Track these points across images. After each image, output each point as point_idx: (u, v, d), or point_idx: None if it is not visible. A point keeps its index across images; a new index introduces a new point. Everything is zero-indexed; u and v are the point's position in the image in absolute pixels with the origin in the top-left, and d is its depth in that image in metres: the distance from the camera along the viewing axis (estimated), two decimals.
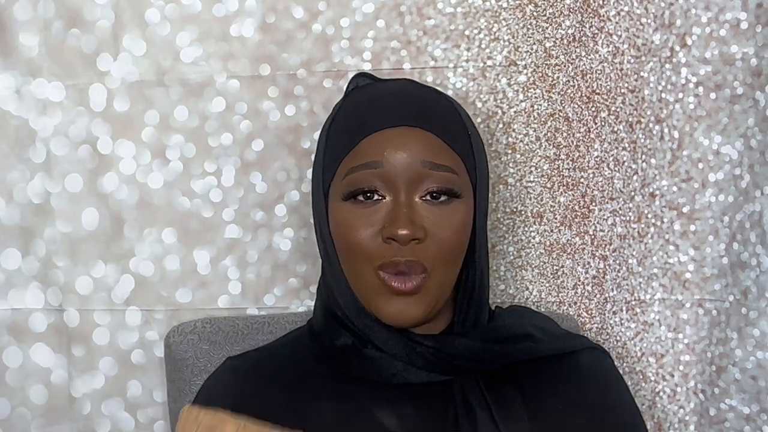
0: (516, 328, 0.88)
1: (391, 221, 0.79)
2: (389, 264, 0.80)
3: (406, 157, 0.80)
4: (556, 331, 0.93)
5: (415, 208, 0.80)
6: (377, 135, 0.81)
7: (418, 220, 0.80)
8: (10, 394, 1.09)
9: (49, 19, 1.04)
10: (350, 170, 0.81)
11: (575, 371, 0.88)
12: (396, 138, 0.81)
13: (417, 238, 0.79)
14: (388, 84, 0.90)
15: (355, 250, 0.81)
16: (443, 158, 0.81)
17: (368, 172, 0.80)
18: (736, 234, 1.06)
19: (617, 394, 0.89)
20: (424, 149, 0.81)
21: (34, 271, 1.08)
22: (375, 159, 0.80)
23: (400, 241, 0.79)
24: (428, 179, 0.80)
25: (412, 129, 0.81)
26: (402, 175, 0.80)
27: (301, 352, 0.89)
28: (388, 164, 0.80)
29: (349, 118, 0.85)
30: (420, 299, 0.81)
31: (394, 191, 0.80)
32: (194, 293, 1.10)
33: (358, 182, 0.81)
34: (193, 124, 1.07)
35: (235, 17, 1.06)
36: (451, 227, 0.81)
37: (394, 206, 0.80)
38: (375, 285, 0.81)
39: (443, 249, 0.81)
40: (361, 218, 0.81)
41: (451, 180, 0.81)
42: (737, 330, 1.05)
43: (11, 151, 1.06)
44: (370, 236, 0.80)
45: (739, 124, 1.05)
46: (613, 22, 1.06)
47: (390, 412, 0.83)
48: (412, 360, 0.83)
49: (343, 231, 0.82)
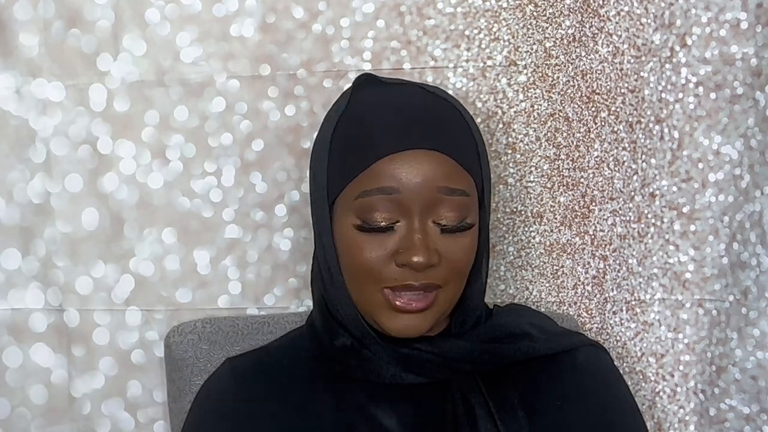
0: (513, 327, 0.88)
1: (406, 248, 0.79)
2: (403, 287, 0.80)
3: (422, 183, 0.79)
4: (554, 329, 0.93)
5: (429, 232, 0.80)
6: (392, 158, 0.79)
7: (432, 245, 0.79)
8: (10, 394, 1.09)
9: (49, 19, 1.04)
10: (363, 192, 0.80)
11: (572, 368, 0.88)
12: (411, 162, 0.79)
13: (432, 265, 0.79)
14: (393, 91, 0.86)
15: (365, 272, 0.81)
16: (457, 182, 0.80)
17: (383, 197, 0.79)
18: (736, 234, 1.06)
19: (615, 390, 0.89)
20: (440, 174, 0.79)
21: (34, 271, 1.08)
22: (390, 184, 0.79)
23: (416, 269, 0.79)
24: (443, 205, 0.80)
25: (427, 152, 0.80)
26: (417, 201, 0.79)
27: (300, 353, 0.89)
28: (404, 190, 0.79)
29: (359, 131, 0.82)
30: (428, 314, 0.81)
31: (408, 216, 0.79)
32: (194, 293, 1.10)
33: (371, 207, 0.79)
34: (193, 124, 1.07)
35: (235, 17, 1.06)
36: (462, 250, 0.82)
37: (408, 231, 0.79)
38: (380, 302, 0.81)
39: (455, 269, 0.82)
40: (373, 241, 0.80)
41: (464, 204, 0.81)
42: (737, 330, 1.05)
43: (11, 151, 1.06)
44: (382, 259, 0.80)
45: (739, 124, 1.05)
46: (613, 22, 1.06)
47: (389, 413, 0.83)
48: (408, 366, 0.83)
49: (354, 252, 0.81)
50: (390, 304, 0.80)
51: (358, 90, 0.87)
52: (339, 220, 0.82)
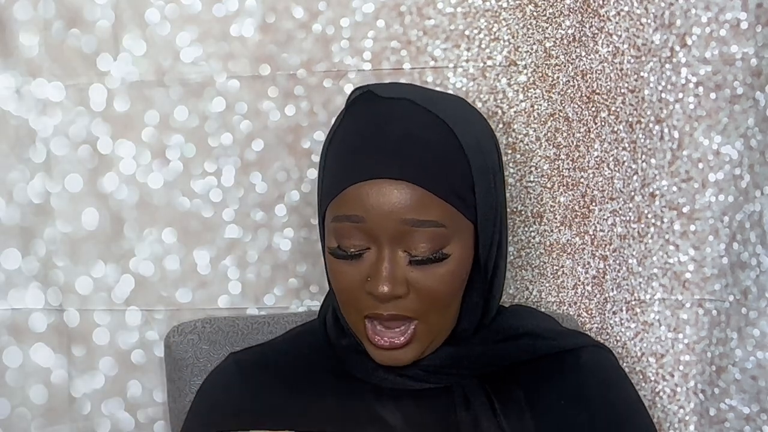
0: (516, 328, 0.88)
1: (372, 276, 0.78)
2: (373, 316, 0.80)
3: (388, 213, 0.77)
4: (558, 329, 0.93)
5: (397, 261, 0.78)
6: (360, 186, 0.78)
7: (400, 275, 0.78)
8: (10, 394, 1.09)
9: (49, 19, 1.04)
10: (336, 217, 0.80)
11: (576, 368, 0.87)
12: (378, 192, 0.77)
13: (398, 296, 0.78)
14: (383, 110, 0.82)
15: (343, 297, 0.82)
16: (428, 213, 0.77)
17: (352, 226, 0.78)
18: (736, 234, 1.06)
19: (620, 389, 0.88)
20: (408, 205, 0.77)
21: (34, 271, 1.08)
22: (357, 213, 0.78)
23: (380, 299, 0.78)
24: (412, 236, 0.77)
25: (395, 182, 0.77)
26: (384, 230, 0.77)
27: (306, 348, 0.89)
28: (370, 220, 0.77)
29: (340, 152, 0.82)
30: (411, 348, 0.81)
31: (377, 244, 0.78)
32: (194, 293, 1.10)
33: (342, 235, 0.79)
34: (193, 124, 1.07)
35: (235, 17, 1.06)
36: (436, 280, 0.79)
37: (377, 260, 0.78)
38: (362, 332, 0.81)
39: (430, 300, 0.79)
40: (347, 267, 0.80)
41: (437, 235, 0.78)
42: (737, 330, 1.05)
43: (11, 151, 1.06)
44: (357, 286, 0.79)
45: (739, 124, 1.05)
46: (613, 22, 1.06)
47: (394, 410, 0.83)
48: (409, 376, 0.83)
49: (333, 276, 0.82)
50: (369, 340, 0.80)
51: (354, 105, 0.85)
52: (326, 235, 0.83)
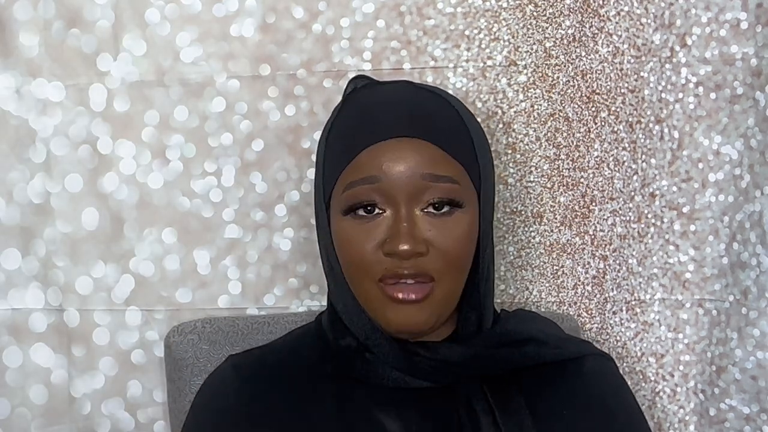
0: (520, 333, 0.87)
1: (391, 236, 0.78)
2: (392, 275, 0.79)
3: (405, 170, 0.78)
4: (561, 336, 0.92)
5: (416, 221, 0.79)
6: (374, 147, 0.79)
7: (420, 234, 0.78)
8: (10, 394, 1.09)
9: (49, 19, 1.04)
10: (349, 185, 0.80)
11: (579, 376, 0.87)
12: (393, 151, 0.79)
13: (419, 253, 0.78)
14: (385, 88, 0.87)
15: (357, 265, 0.80)
16: (444, 169, 0.79)
17: (367, 187, 0.79)
18: (736, 234, 1.06)
19: (623, 400, 0.88)
20: (423, 161, 0.79)
21: (34, 271, 1.08)
22: (373, 173, 0.79)
23: (402, 257, 0.78)
24: (429, 191, 0.79)
25: (410, 140, 0.79)
26: (401, 188, 0.78)
27: (305, 351, 0.89)
28: (387, 178, 0.78)
29: (347, 128, 0.83)
30: (425, 307, 0.80)
31: (394, 205, 0.79)
32: (194, 293, 1.10)
33: (356, 197, 0.79)
34: (193, 124, 1.07)
35: (235, 17, 1.06)
36: (454, 238, 0.80)
37: (395, 221, 0.79)
38: (378, 296, 0.80)
39: (448, 260, 0.80)
40: (361, 233, 0.80)
41: (453, 190, 0.80)
42: (737, 330, 1.05)
43: (11, 151, 1.06)
44: (372, 251, 0.79)
45: (739, 124, 1.05)
46: (613, 22, 1.06)
47: (393, 417, 0.82)
48: (412, 371, 0.83)
49: (345, 246, 0.81)
50: (387, 296, 0.79)
51: (352, 92, 0.88)
52: (333, 219, 0.83)
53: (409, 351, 0.83)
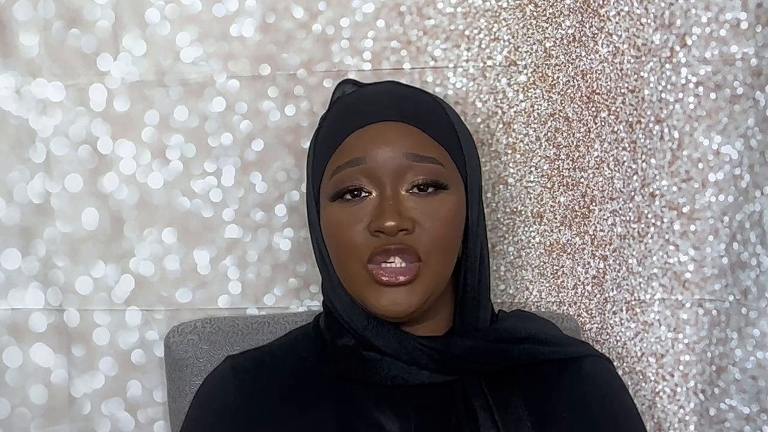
0: (519, 331, 0.88)
1: (377, 215, 0.80)
2: (380, 252, 0.79)
3: (389, 150, 0.81)
4: (561, 336, 0.92)
5: (401, 200, 0.81)
6: (360, 132, 0.82)
7: (405, 212, 0.80)
8: (10, 394, 1.09)
9: (49, 19, 1.04)
10: (336, 170, 0.82)
11: (579, 378, 0.87)
12: (378, 133, 0.82)
13: (405, 229, 0.79)
14: (371, 87, 0.90)
15: (345, 247, 0.82)
16: (427, 150, 0.82)
17: (353, 169, 0.81)
18: (736, 234, 1.06)
19: (622, 402, 0.88)
20: (407, 142, 0.81)
21: (34, 271, 1.08)
22: (358, 155, 0.81)
23: (388, 233, 0.79)
24: (412, 171, 0.81)
25: (394, 123, 0.82)
26: (386, 169, 0.81)
27: (302, 352, 0.89)
28: (372, 159, 0.81)
29: (334, 122, 0.86)
30: (413, 288, 0.80)
31: (379, 186, 0.81)
32: (194, 293, 1.10)
33: (343, 181, 0.82)
34: (193, 124, 1.07)
35: (235, 17, 1.06)
36: (440, 218, 0.81)
37: (381, 200, 0.81)
38: (365, 279, 0.81)
39: (434, 239, 0.81)
40: (349, 215, 0.81)
41: (437, 171, 0.82)
42: (737, 330, 1.05)
43: (11, 151, 1.06)
44: (359, 232, 0.81)
45: (739, 124, 1.05)
46: (613, 22, 1.06)
47: (391, 415, 0.82)
48: (414, 360, 0.83)
49: (333, 230, 0.83)
50: (374, 279, 0.80)
51: (339, 96, 0.91)
52: (322, 208, 0.85)
53: (408, 340, 0.83)
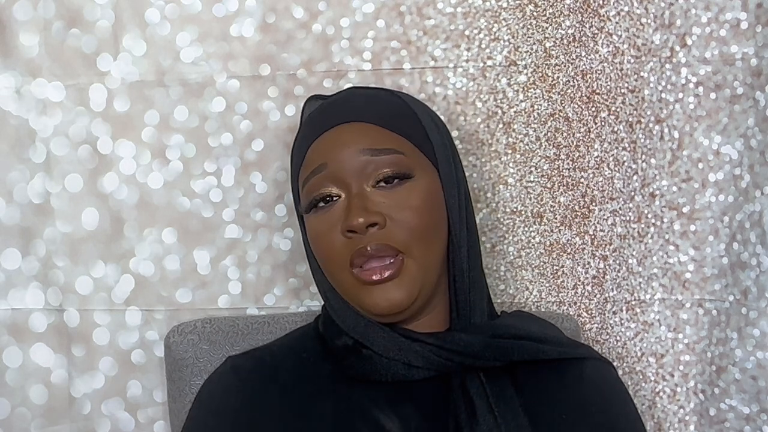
0: (520, 329, 0.88)
1: (345, 215, 0.81)
2: (357, 254, 0.80)
3: (347, 151, 0.82)
4: (561, 338, 0.92)
5: (367, 196, 0.82)
6: (319, 140, 0.85)
7: (372, 207, 0.81)
8: (10, 394, 1.09)
9: (49, 19, 1.04)
10: (305, 181, 0.85)
11: (579, 380, 0.87)
12: (334, 137, 0.84)
13: (374, 223, 0.80)
14: (333, 96, 0.91)
15: (327, 255, 0.83)
16: (384, 142, 0.83)
17: (318, 177, 0.83)
18: (736, 234, 1.06)
19: (623, 406, 0.88)
20: (364, 139, 0.83)
21: (34, 271, 1.08)
22: (321, 162, 0.83)
23: (358, 230, 0.80)
24: (373, 165, 0.82)
25: (349, 125, 0.84)
26: (347, 169, 0.82)
27: (303, 352, 0.89)
28: (333, 163, 0.82)
29: (300, 136, 0.89)
30: (400, 282, 0.81)
31: (345, 187, 0.82)
32: (194, 293, 1.10)
33: (312, 190, 0.84)
34: (193, 124, 1.07)
35: (235, 17, 1.06)
36: (410, 207, 0.82)
37: (348, 201, 0.82)
38: (352, 283, 0.82)
39: (410, 229, 0.81)
40: (324, 223, 0.83)
41: (398, 161, 0.82)
42: (737, 330, 1.05)
43: (11, 151, 1.06)
44: (335, 237, 0.82)
45: (739, 124, 1.05)
46: (613, 22, 1.06)
47: (391, 415, 0.82)
48: (412, 360, 0.83)
49: (315, 241, 0.85)
50: (360, 281, 0.81)
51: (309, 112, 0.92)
52: (306, 222, 0.87)
53: (407, 339, 0.83)
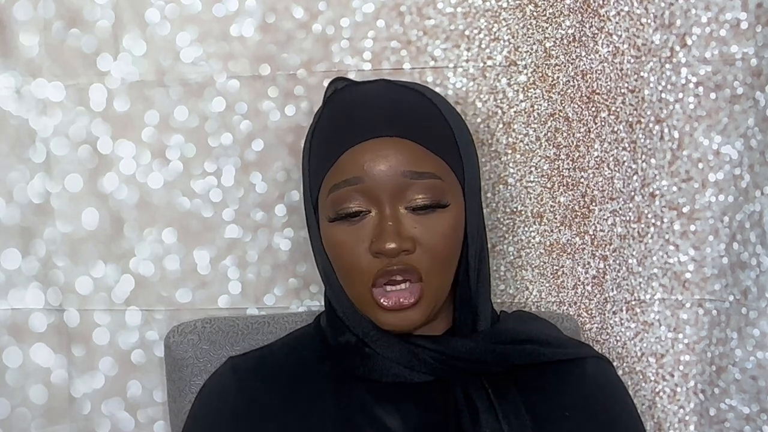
0: (520, 332, 0.88)
1: (377, 236, 0.79)
2: (382, 273, 0.79)
3: (386, 169, 0.79)
4: (561, 338, 0.92)
5: (401, 219, 0.79)
6: (355, 149, 0.80)
7: (405, 232, 0.79)
8: (10, 394, 1.09)
9: (49, 19, 1.04)
10: (333, 187, 0.81)
11: (581, 380, 0.87)
12: (374, 150, 0.80)
13: (406, 250, 0.79)
14: (363, 88, 0.88)
15: (348, 269, 0.81)
16: (425, 165, 0.80)
17: (350, 188, 0.80)
18: (736, 234, 1.06)
19: (623, 405, 0.89)
20: (404, 159, 0.79)
21: (34, 271, 1.08)
22: (356, 174, 0.79)
23: (389, 255, 0.78)
24: (411, 188, 0.79)
25: (390, 139, 0.80)
26: (384, 188, 0.79)
27: (303, 351, 0.89)
28: (369, 179, 0.79)
29: (328, 130, 0.85)
30: (417, 307, 0.81)
31: (378, 205, 0.80)
32: (194, 293, 1.10)
33: (341, 200, 0.80)
34: (193, 124, 1.07)
35: (235, 17, 1.06)
36: (440, 234, 0.80)
37: (380, 220, 0.79)
38: (368, 301, 0.81)
39: (435, 256, 0.80)
40: (349, 236, 0.80)
41: (436, 187, 0.80)
42: (737, 330, 1.05)
43: (11, 151, 1.06)
44: (361, 253, 0.80)
45: (739, 124, 1.05)
46: (613, 22, 1.06)
47: (392, 412, 0.83)
48: (413, 365, 0.83)
49: (336, 251, 0.82)
50: (378, 304, 0.80)
51: (332, 95, 0.89)
52: (321, 222, 0.84)
53: (410, 344, 0.83)
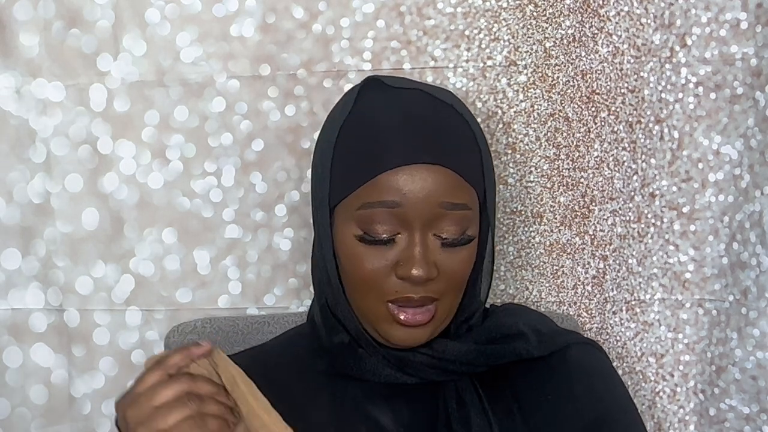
0: (509, 327, 0.88)
1: (405, 260, 0.79)
2: (402, 299, 0.80)
3: (425, 198, 0.79)
4: (550, 328, 0.92)
5: (429, 246, 0.80)
6: (395, 171, 0.79)
7: (431, 259, 0.80)
8: (10, 394, 1.09)
9: (49, 19, 1.04)
10: (365, 204, 0.80)
11: (563, 365, 0.87)
12: (415, 177, 0.79)
13: (431, 279, 0.79)
14: (401, 100, 0.84)
15: (366, 283, 0.81)
16: (459, 196, 0.80)
17: (386, 212, 0.79)
18: (736, 234, 1.06)
19: (607, 384, 0.88)
20: (443, 189, 0.79)
21: (34, 271, 1.08)
22: (393, 198, 0.79)
23: (415, 282, 0.79)
24: (444, 219, 0.80)
25: (430, 167, 0.79)
26: (419, 215, 0.79)
27: (297, 350, 0.90)
28: (407, 205, 0.79)
29: (364, 140, 0.82)
30: (428, 326, 0.82)
31: (409, 229, 0.80)
32: (194, 293, 1.10)
33: (373, 220, 0.79)
34: (193, 124, 1.07)
35: (235, 17, 1.06)
36: (461, 263, 0.82)
37: (409, 244, 0.79)
38: (383, 314, 0.81)
39: (453, 283, 0.82)
40: (374, 253, 0.80)
41: (466, 218, 0.81)
42: (737, 330, 1.05)
43: (11, 151, 1.06)
44: (384, 271, 0.80)
45: (739, 124, 1.05)
46: (613, 22, 1.06)
47: (385, 411, 0.83)
48: (403, 369, 0.84)
49: (353, 261, 0.81)
50: (394, 318, 0.81)
51: (363, 93, 0.85)
52: (340, 228, 0.82)
53: (401, 350, 0.84)
